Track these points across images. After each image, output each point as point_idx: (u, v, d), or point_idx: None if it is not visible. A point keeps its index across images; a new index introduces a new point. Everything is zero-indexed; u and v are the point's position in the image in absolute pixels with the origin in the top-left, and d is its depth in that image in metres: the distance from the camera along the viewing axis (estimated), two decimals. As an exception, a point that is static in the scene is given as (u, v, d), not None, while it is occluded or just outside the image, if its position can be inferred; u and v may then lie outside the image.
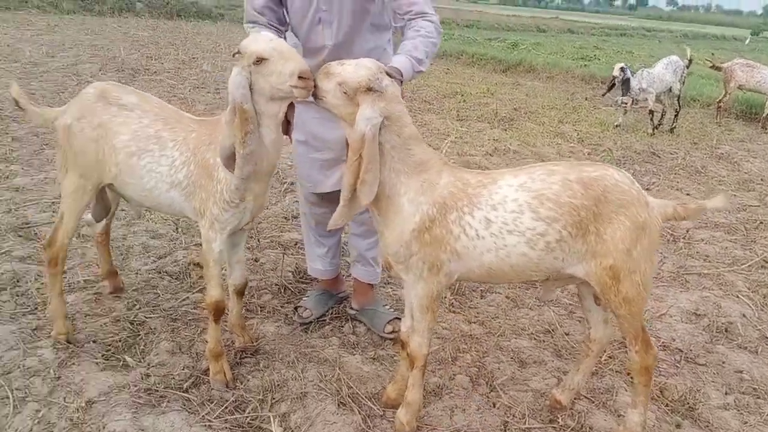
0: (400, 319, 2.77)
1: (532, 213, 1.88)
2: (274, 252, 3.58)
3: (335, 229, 2.85)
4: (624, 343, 2.37)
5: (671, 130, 7.84)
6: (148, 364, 2.47)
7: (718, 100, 8.64)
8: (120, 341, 2.60)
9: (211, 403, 2.27)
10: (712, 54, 13.84)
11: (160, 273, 3.22)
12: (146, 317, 2.78)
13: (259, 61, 1.90)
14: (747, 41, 31.08)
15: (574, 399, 2.40)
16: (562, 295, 3.28)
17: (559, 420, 2.33)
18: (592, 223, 1.89)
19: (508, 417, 2.34)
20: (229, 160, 1.99)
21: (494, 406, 2.40)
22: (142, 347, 2.58)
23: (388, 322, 2.78)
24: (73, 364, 2.40)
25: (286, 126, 2.14)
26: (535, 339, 2.90)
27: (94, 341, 2.58)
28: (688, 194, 5.28)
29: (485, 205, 1.92)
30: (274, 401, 2.32)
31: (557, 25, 31.24)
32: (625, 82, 7.21)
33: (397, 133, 1.92)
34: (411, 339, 2.12)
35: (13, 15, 14.26)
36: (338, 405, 2.31)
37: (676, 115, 7.87)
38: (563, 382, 2.39)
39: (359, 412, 2.28)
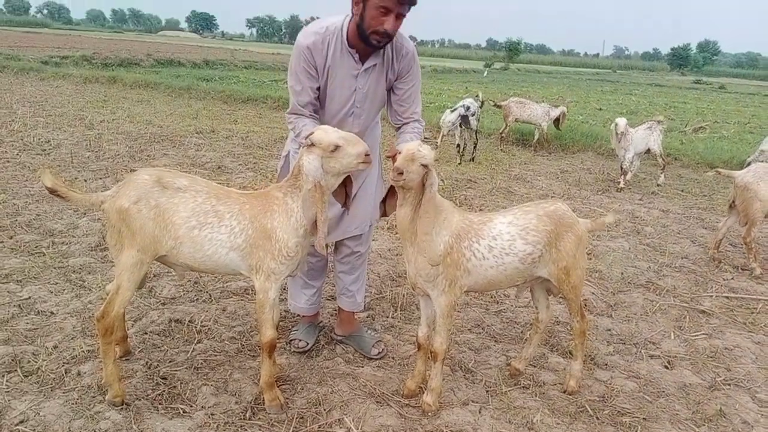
0: (382, 341, 3.52)
1: (522, 240, 2.79)
2: (234, 300, 4.02)
3: (323, 270, 3.50)
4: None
5: (472, 159, 9.50)
6: (203, 407, 2.86)
7: (500, 131, 10.64)
8: (162, 395, 2.93)
9: (281, 424, 2.78)
10: (477, 94, 16.38)
11: (147, 334, 3.49)
12: (171, 371, 3.12)
13: (336, 148, 2.55)
14: (485, 74, 36.62)
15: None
16: (473, 301, 4.28)
17: (521, 382, 3.27)
18: (554, 240, 2.86)
19: (487, 387, 3.21)
20: (313, 225, 2.59)
21: (475, 382, 3.25)
22: (187, 395, 2.94)
23: (373, 345, 3.47)
24: (145, 419, 2.71)
25: (346, 198, 2.79)
26: (474, 333, 3.83)
27: (140, 399, 2.87)
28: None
29: (487, 236, 2.78)
30: (326, 411, 2.90)
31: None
32: (465, 119, 8.68)
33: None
34: (433, 340, 2.87)
35: None
36: (377, 403, 2.98)
37: (475, 147, 9.58)
38: (519, 355, 3.34)
39: (393, 405, 2.97)
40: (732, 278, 5.01)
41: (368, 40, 2.80)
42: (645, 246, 5.74)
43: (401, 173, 2.49)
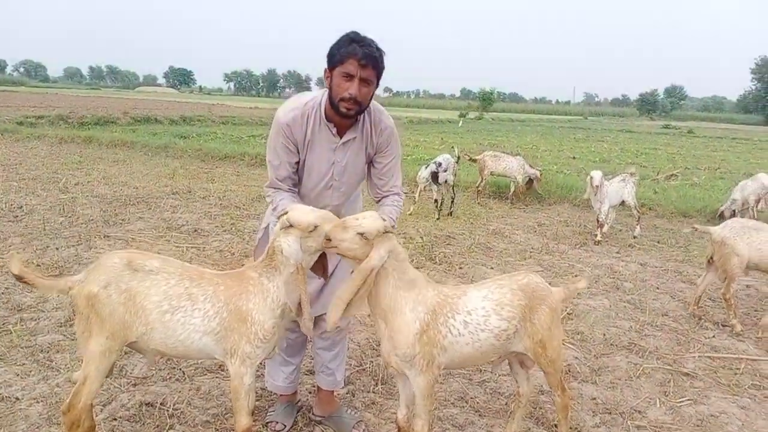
0: (363, 421, 3.41)
1: (497, 315, 2.75)
2: (208, 378, 3.88)
3: (302, 346, 3.41)
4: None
5: (450, 214, 9.53)
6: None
7: (476, 185, 10.73)
8: (132, 490, 2.77)
9: None
10: (453, 148, 16.56)
11: (116, 420, 3.33)
12: (141, 463, 2.97)
13: (314, 228, 2.52)
14: (460, 124, 37.28)
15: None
16: (456, 371, 4.17)
17: (507, 460, 3.17)
18: (529, 314, 2.82)
19: (473, 467, 3.11)
20: (298, 307, 2.53)
21: (460, 462, 3.15)
22: (158, 490, 2.79)
23: (353, 427, 3.35)
24: None
25: (323, 271, 2.75)
26: (457, 407, 3.72)
27: (108, 496, 2.72)
28: (491, 268, 6.70)
29: (462, 311, 2.73)
30: (306, 503, 2.76)
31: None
32: (435, 176, 8.81)
33: (395, 258, 2.63)
34: (414, 423, 2.77)
35: None
36: (359, 491, 2.85)
37: (452, 201, 9.63)
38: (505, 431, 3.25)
39: (376, 492, 2.85)
40: (713, 336, 4.99)
41: (339, 109, 2.81)
42: (625, 303, 5.73)
43: (329, 240, 2.51)
